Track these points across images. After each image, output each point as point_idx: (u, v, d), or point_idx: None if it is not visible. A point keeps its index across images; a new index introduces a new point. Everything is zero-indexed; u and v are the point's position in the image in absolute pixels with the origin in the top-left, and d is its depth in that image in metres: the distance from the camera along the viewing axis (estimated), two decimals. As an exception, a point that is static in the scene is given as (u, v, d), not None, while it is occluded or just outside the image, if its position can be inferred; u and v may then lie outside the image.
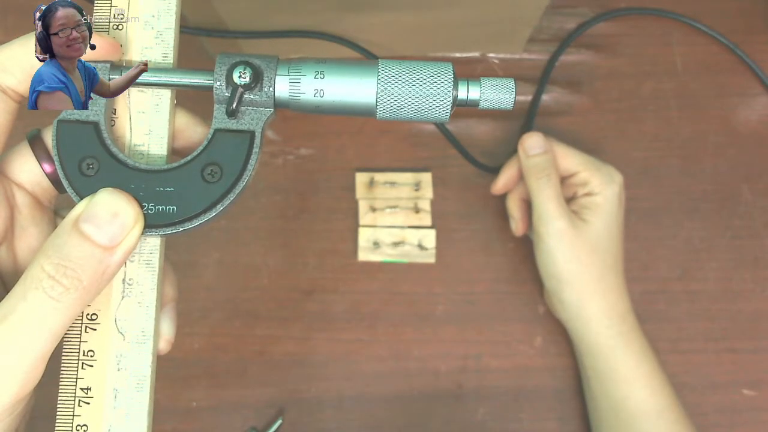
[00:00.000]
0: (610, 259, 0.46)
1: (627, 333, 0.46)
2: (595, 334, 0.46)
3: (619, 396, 0.45)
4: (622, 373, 0.45)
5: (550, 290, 0.48)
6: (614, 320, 0.46)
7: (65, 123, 0.26)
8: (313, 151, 0.55)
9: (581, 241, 0.45)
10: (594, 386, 0.47)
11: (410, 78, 0.27)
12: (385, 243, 0.52)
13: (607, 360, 0.46)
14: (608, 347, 0.46)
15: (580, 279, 0.46)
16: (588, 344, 0.46)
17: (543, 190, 0.46)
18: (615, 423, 0.46)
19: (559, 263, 0.46)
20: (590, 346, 0.46)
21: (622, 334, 0.46)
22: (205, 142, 0.27)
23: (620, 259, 0.47)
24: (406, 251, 0.52)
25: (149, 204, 0.26)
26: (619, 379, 0.45)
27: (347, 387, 0.51)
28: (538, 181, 0.46)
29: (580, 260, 0.45)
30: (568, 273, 0.46)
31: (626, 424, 0.45)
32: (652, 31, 0.57)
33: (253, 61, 0.26)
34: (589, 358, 0.47)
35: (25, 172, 0.28)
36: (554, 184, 0.46)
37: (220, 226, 0.53)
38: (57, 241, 0.24)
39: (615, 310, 0.46)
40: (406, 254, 0.52)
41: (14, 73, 0.25)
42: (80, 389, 0.26)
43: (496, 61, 0.56)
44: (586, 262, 0.45)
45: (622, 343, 0.45)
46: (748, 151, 0.55)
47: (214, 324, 0.52)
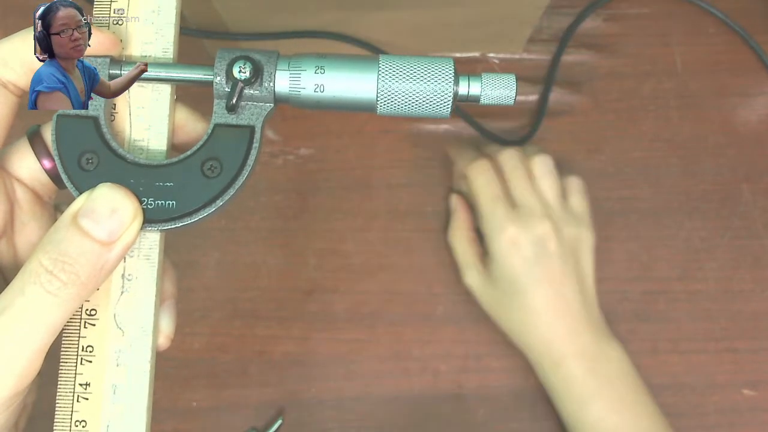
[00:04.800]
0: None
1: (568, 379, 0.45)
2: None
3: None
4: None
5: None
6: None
7: (65, 117, 0.26)
8: (313, 151, 0.54)
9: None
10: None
11: (411, 73, 0.27)
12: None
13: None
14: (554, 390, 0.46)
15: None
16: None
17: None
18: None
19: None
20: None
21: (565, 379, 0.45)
22: (205, 137, 0.27)
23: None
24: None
25: (149, 199, 0.26)
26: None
27: (347, 387, 0.51)
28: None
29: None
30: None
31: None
32: (652, 31, 0.57)
33: (253, 55, 0.26)
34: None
35: (25, 168, 0.28)
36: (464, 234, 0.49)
37: (220, 225, 0.53)
38: (55, 236, 0.24)
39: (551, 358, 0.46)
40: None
41: (15, 68, 0.25)
42: (79, 385, 0.26)
43: (496, 61, 0.56)
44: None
45: (563, 388, 0.45)
46: (748, 151, 0.55)
47: (214, 324, 0.52)
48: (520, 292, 0.45)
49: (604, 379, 0.44)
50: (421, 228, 0.53)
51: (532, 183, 0.47)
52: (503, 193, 0.47)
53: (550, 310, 0.45)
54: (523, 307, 0.45)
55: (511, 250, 0.45)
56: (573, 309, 0.45)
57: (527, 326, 0.46)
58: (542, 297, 0.45)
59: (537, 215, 0.45)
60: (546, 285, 0.45)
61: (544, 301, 0.45)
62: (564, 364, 0.44)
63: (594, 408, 0.44)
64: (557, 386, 0.45)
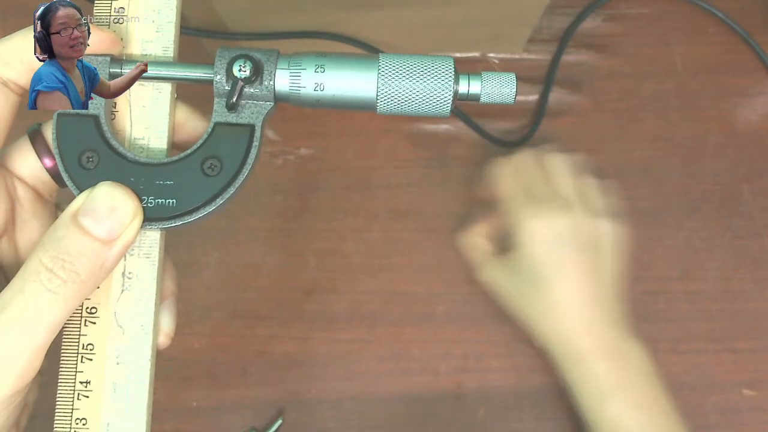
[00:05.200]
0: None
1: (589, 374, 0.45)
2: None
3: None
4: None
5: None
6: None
7: (65, 116, 0.26)
8: (313, 151, 0.55)
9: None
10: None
11: (411, 72, 0.27)
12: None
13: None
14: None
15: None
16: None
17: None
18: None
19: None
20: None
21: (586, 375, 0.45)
22: (205, 135, 0.27)
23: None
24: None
25: (149, 197, 0.26)
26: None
27: (347, 387, 0.51)
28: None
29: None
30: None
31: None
32: (652, 31, 0.57)
33: (253, 54, 0.26)
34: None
35: (26, 167, 0.28)
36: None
37: (220, 225, 0.53)
38: (55, 234, 0.24)
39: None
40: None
41: (15, 66, 0.25)
42: (79, 383, 0.26)
43: (496, 61, 0.56)
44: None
45: (584, 383, 0.45)
46: (748, 151, 0.55)
47: (214, 324, 0.52)
48: (544, 284, 0.45)
49: (624, 377, 0.44)
50: (421, 228, 0.53)
51: (550, 180, 0.47)
52: (523, 188, 0.47)
53: (572, 302, 0.45)
54: (546, 299, 0.45)
55: (534, 240, 0.45)
56: (596, 303, 0.45)
57: (549, 319, 0.46)
58: (563, 289, 0.45)
59: (556, 209, 0.46)
60: (568, 278, 0.45)
61: (565, 294, 0.45)
62: (586, 360, 0.44)
63: (614, 405, 0.44)
64: (578, 381, 0.45)
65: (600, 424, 0.44)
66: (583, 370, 0.45)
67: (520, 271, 0.46)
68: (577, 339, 0.45)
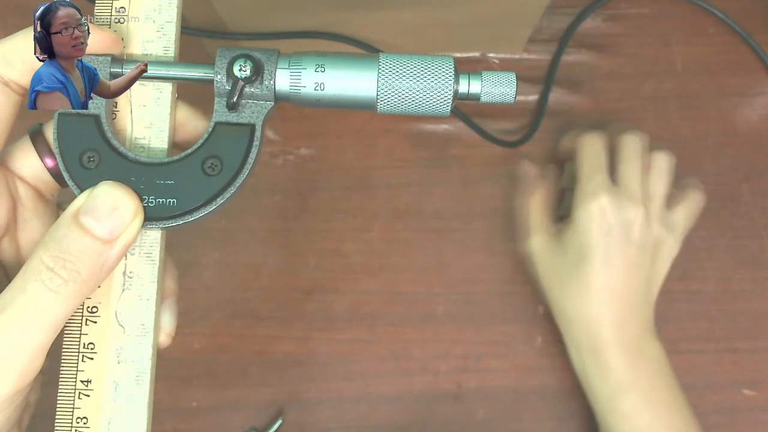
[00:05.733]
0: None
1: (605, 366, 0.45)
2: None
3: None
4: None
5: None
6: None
7: (66, 116, 0.26)
8: (313, 151, 0.55)
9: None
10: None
11: (411, 71, 0.27)
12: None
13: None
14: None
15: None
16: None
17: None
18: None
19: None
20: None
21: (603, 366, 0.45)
22: (206, 135, 0.27)
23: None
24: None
25: (149, 197, 0.26)
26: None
27: (347, 387, 0.51)
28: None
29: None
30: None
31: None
32: (652, 31, 0.57)
33: (253, 54, 0.26)
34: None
35: (28, 166, 0.28)
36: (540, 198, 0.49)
37: (220, 225, 0.53)
38: (56, 234, 0.24)
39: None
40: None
41: (17, 66, 0.25)
42: (80, 382, 0.26)
43: (496, 61, 0.56)
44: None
45: (599, 374, 0.45)
46: (748, 151, 0.55)
47: (214, 324, 0.52)
48: (587, 264, 0.45)
49: (642, 374, 0.44)
50: (421, 228, 0.53)
51: (645, 173, 0.47)
52: (608, 167, 0.46)
53: (609, 292, 0.45)
54: (584, 280, 0.45)
55: (595, 218, 0.44)
56: (630, 300, 0.45)
57: (581, 302, 0.45)
58: (606, 276, 0.45)
59: (635, 200, 0.45)
60: (614, 267, 0.45)
61: (606, 281, 0.45)
62: (605, 351, 0.44)
63: (628, 400, 0.44)
64: (592, 370, 0.45)
65: (611, 417, 0.44)
66: (601, 360, 0.45)
67: (567, 248, 0.46)
68: (602, 328, 0.45)
